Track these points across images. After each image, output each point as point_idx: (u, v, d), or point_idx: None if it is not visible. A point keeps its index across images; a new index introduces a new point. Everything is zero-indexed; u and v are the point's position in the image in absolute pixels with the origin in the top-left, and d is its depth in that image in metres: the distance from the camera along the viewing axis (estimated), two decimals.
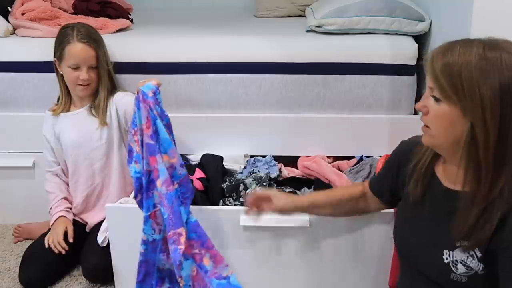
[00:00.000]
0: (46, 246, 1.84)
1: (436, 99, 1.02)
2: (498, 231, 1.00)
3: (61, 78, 1.94)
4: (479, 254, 1.03)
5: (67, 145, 1.96)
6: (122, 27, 2.23)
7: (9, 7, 2.29)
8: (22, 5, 2.26)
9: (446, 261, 1.08)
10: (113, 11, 2.32)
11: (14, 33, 2.23)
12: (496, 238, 1.01)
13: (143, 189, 1.40)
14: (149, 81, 1.44)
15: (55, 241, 1.84)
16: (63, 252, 1.83)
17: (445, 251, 1.08)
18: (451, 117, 1.00)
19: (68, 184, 2.03)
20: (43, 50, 2.07)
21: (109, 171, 1.99)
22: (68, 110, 1.97)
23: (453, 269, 1.06)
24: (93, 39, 1.89)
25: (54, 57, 1.91)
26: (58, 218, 1.92)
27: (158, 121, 1.34)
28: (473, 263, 1.04)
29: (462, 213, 1.03)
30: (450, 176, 1.10)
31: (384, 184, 1.31)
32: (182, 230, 1.36)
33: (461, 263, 1.06)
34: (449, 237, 1.08)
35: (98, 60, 1.90)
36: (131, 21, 2.37)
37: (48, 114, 1.99)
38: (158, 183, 1.34)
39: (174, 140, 1.43)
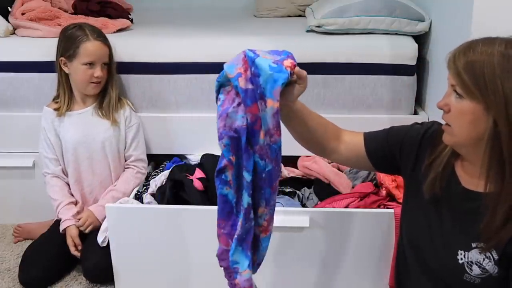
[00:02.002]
0: (78, 256, 1.89)
1: (459, 96, 1.01)
2: None
3: (64, 77, 1.94)
4: (496, 257, 1.03)
5: (68, 144, 1.96)
6: (122, 27, 2.23)
7: (9, 7, 2.29)
8: (22, 5, 2.25)
9: (460, 261, 1.07)
10: (113, 11, 2.32)
11: (14, 33, 2.23)
12: None
13: (242, 150, 1.08)
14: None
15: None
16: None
17: (460, 252, 1.07)
18: (473, 114, 1.00)
19: (68, 184, 2.03)
20: (43, 50, 2.07)
21: (109, 172, 2.00)
22: (70, 110, 1.98)
23: (467, 270, 1.06)
24: (106, 37, 1.95)
25: (61, 56, 1.90)
26: (69, 226, 1.91)
27: (260, 58, 1.05)
28: (489, 265, 1.04)
29: (489, 215, 1.02)
30: (470, 176, 1.09)
31: (379, 149, 1.26)
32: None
33: (476, 264, 1.05)
34: (465, 237, 1.07)
35: (110, 57, 1.94)
36: (131, 21, 2.37)
37: (48, 110, 1.98)
38: (261, 134, 1.07)
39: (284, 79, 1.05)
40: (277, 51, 1.10)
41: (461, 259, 1.07)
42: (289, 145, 2.11)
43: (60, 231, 1.91)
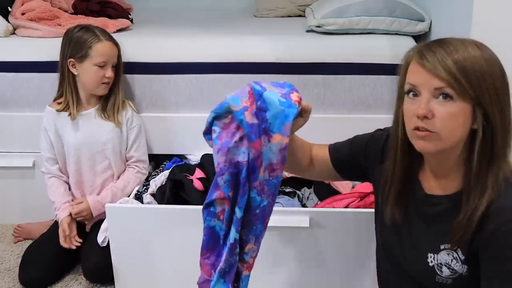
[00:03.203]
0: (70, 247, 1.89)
1: (446, 98, 0.97)
2: (478, 232, 1.00)
3: (72, 78, 1.93)
4: (462, 257, 1.04)
5: (70, 145, 1.96)
6: (122, 27, 2.23)
7: (9, 7, 2.29)
8: (22, 5, 2.26)
9: (430, 264, 1.08)
10: (113, 11, 2.32)
11: (14, 33, 2.23)
12: (476, 239, 1.01)
13: (240, 184, 1.04)
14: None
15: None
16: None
17: (429, 255, 1.08)
18: (465, 115, 0.98)
19: (67, 183, 2.03)
20: (43, 50, 2.07)
21: (110, 174, 2.00)
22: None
23: (437, 272, 1.07)
24: (114, 39, 1.96)
25: (70, 57, 1.89)
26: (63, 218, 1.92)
27: (268, 92, 1.02)
28: (457, 266, 1.05)
29: (464, 215, 1.02)
30: (432, 181, 1.10)
31: (344, 159, 1.27)
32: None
33: (445, 266, 1.06)
34: (433, 240, 1.08)
35: (119, 59, 1.96)
36: (131, 21, 2.37)
37: (50, 110, 1.97)
38: (261, 170, 1.03)
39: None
40: (279, 83, 1.08)
41: (431, 261, 1.08)
42: None
43: (57, 220, 1.93)
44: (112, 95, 1.97)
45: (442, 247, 1.07)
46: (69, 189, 2.02)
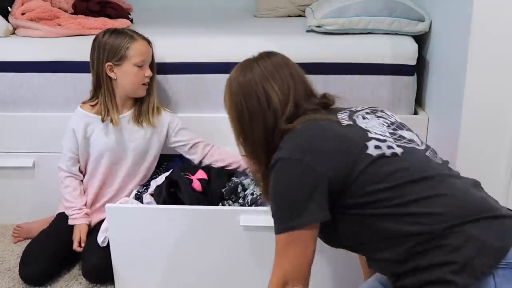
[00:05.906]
0: (79, 251, 1.90)
1: None
2: None
3: (109, 83, 1.88)
4: None
5: (99, 149, 1.94)
6: (122, 27, 2.23)
7: (9, 7, 2.29)
8: (22, 5, 2.25)
9: None
10: (113, 11, 2.32)
11: (14, 33, 2.23)
12: None
13: None
14: None
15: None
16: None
17: None
18: None
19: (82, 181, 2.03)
20: (43, 50, 2.07)
21: (129, 179, 2.00)
22: (109, 115, 1.92)
23: None
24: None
25: (107, 61, 1.85)
26: (81, 224, 1.94)
27: None
28: None
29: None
30: None
31: None
32: None
33: None
34: None
35: (152, 57, 1.95)
36: (131, 21, 2.37)
37: (83, 112, 1.94)
38: None
39: None
40: None
41: None
42: None
43: (69, 223, 1.93)
44: (147, 96, 1.95)
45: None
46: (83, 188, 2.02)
